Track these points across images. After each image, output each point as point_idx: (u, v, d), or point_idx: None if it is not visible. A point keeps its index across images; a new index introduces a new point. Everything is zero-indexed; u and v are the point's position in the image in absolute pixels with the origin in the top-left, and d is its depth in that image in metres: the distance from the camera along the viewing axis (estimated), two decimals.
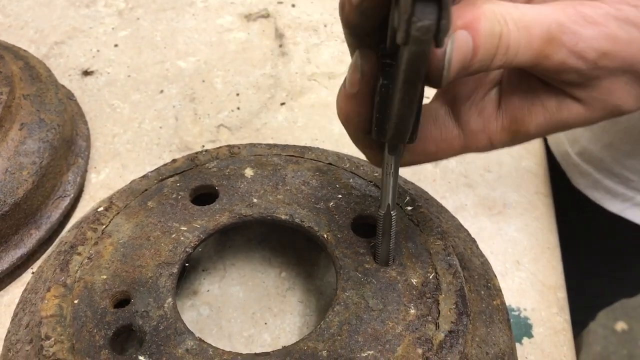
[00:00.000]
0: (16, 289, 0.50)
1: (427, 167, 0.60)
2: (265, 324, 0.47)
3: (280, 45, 0.74)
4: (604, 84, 0.29)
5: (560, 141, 0.68)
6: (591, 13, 0.28)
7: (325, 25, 0.76)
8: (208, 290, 0.49)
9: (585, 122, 0.31)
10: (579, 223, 0.69)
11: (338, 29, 0.75)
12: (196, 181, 0.45)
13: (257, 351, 0.36)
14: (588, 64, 0.28)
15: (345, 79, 0.32)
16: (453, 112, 0.34)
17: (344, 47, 0.30)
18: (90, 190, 0.57)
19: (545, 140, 0.66)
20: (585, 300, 0.79)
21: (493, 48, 0.27)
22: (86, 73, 0.69)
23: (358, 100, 0.32)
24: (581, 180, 0.67)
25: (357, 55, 0.31)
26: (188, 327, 0.37)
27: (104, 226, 0.42)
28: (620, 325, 1.67)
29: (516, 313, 0.49)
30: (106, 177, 0.58)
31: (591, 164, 0.65)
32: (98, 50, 0.72)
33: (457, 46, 0.26)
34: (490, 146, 0.33)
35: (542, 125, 0.31)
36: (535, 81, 0.31)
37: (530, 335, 0.48)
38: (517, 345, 0.47)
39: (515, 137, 0.32)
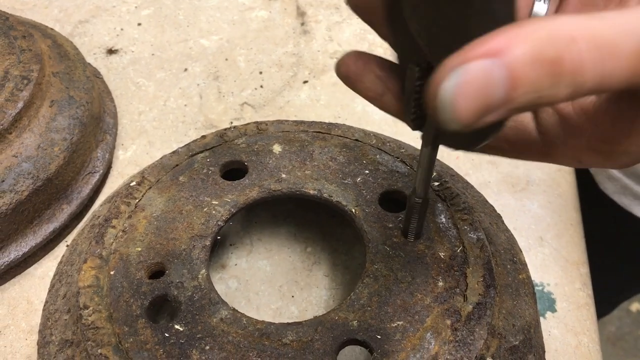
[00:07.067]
0: (49, 262, 0.51)
1: None
2: (292, 296, 0.48)
3: (302, 24, 0.74)
4: None
5: None
6: None
7: None
8: (236, 264, 0.50)
9: None
10: (605, 227, 0.68)
11: None
12: (226, 157, 0.45)
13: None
14: None
15: None
16: (535, 113, 0.29)
17: (366, 25, 0.30)
18: (119, 166, 0.58)
19: None
20: (606, 296, 0.79)
21: (547, 76, 0.21)
22: (111, 51, 0.69)
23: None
24: (609, 185, 0.65)
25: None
26: None
27: (137, 200, 0.43)
28: (635, 306, 1.67)
29: (540, 288, 0.49)
30: (133, 153, 0.59)
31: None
32: (122, 29, 0.72)
33: (465, 80, 0.21)
34: (579, 164, 0.28)
35: None
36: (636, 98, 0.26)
37: (553, 310, 0.48)
38: (541, 319, 0.47)
39: (610, 157, 0.27)
